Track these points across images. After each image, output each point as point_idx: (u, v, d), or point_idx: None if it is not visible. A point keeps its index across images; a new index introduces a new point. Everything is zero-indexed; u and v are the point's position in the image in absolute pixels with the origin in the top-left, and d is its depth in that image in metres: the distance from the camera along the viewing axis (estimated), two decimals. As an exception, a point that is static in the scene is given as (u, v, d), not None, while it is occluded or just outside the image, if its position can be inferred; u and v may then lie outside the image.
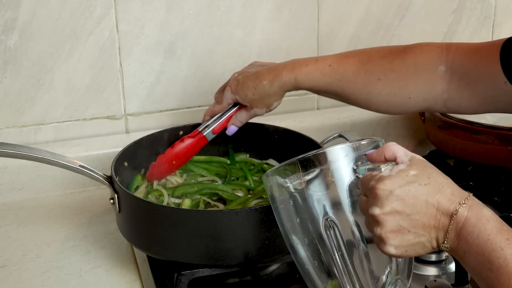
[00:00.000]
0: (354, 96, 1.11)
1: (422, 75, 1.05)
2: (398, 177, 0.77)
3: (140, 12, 1.35)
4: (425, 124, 1.42)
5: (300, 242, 0.86)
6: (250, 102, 1.14)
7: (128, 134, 1.41)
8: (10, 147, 1.03)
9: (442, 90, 1.05)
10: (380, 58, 1.09)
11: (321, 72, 1.10)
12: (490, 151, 1.27)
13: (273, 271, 1.10)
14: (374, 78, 1.08)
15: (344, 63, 1.10)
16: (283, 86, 1.12)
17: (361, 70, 1.08)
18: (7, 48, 1.29)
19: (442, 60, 1.04)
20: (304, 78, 1.10)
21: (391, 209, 0.76)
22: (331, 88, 1.11)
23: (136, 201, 1.03)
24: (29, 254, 1.14)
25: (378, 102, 1.10)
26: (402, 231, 0.76)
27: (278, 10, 1.42)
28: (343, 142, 0.87)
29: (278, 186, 0.86)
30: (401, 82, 1.07)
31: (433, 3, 1.53)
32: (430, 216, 0.76)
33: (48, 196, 1.33)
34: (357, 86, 1.09)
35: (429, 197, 0.76)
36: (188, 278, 1.02)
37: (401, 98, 1.08)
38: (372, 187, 0.78)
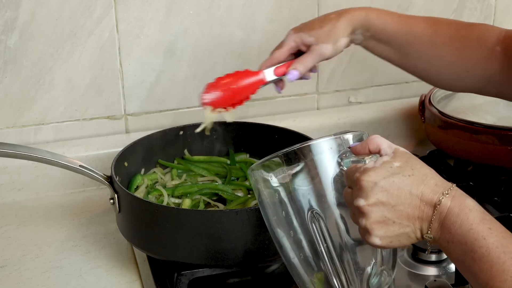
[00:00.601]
0: (416, 55, 1.09)
1: (482, 50, 1.05)
2: (382, 168, 0.78)
3: (140, 12, 1.35)
4: (425, 124, 1.42)
5: (286, 235, 0.86)
6: (317, 36, 1.08)
7: (128, 134, 1.41)
8: (10, 147, 1.03)
9: (495, 71, 1.04)
10: (447, 25, 1.08)
11: (391, 18, 1.08)
12: (490, 151, 1.27)
13: (273, 271, 1.10)
14: (440, 42, 1.07)
15: (413, 19, 1.09)
16: (352, 20, 1.08)
17: (429, 29, 1.07)
18: (7, 48, 1.29)
19: (500, 41, 1.04)
20: (375, 17, 1.08)
21: (376, 200, 0.77)
22: (397, 38, 1.09)
23: (136, 201, 1.03)
24: (29, 254, 1.14)
25: (438, 68, 1.09)
26: (387, 222, 0.77)
27: (278, 10, 1.42)
28: None
29: (263, 180, 0.87)
30: (464, 53, 1.06)
31: (433, 3, 1.53)
32: (414, 206, 0.76)
33: (48, 196, 1.33)
34: (423, 44, 1.08)
35: (413, 188, 0.77)
36: (188, 278, 1.02)
37: (459, 69, 1.07)
38: (356, 178, 0.78)
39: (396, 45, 1.10)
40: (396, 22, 1.09)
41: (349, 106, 1.55)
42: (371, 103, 1.56)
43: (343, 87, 1.53)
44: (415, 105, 1.48)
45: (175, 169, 1.22)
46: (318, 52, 1.09)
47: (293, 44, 1.11)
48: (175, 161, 1.24)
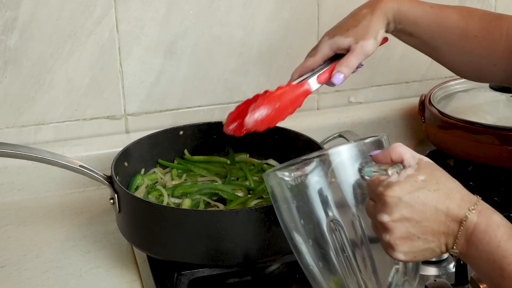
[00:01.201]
0: (446, 47, 1.07)
1: (510, 43, 1.03)
2: (406, 183, 0.76)
3: (140, 12, 1.35)
4: (425, 124, 1.42)
5: (304, 242, 0.85)
6: (354, 35, 1.03)
7: (128, 134, 1.40)
8: (10, 147, 1.03)
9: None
10: (479, 16, 1.06)
11: (423, 10, 1.06)
12: (490, 151, 1.27)
13: (273, 271, 1.10)
14: (471, 34, 1.05)
15: (445, 9, 1.06)
16: (385, 12, 1.05)
17: (462, 21, 1.05)
18: (7, 48, 1.29)
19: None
20: (407, 9, 1.05)
21: (400, 216, 0.75)
22: (429, 30, 1.06)
23: (136, 201, 1.03)
24: (29, 254, 1.14)
25: (467, 60, 1.07)
26: (411, 238, 0.76)
27: (278, 10, 1.42)
28: (344, 142, 0.86)
29: (280, 186, 0.85)
30: (493, 46, 1.04)
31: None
32: (440, 222, 0.75)
33: (48, 196, 1.33)
34: (454, 37, 1.06)
35: (439, 203, 0.75)
36: (188, 278, 1.02)
37: (488, 62, 1.06)
38: (380, 193, 0.76)
39: (427, 38, 1.07)
40: (428, 14, 1.06)
41: (349, 106, 1.55)
42: (371, 103, 1.56)
43: (343, 87, 1.53)
44: (415, 105, 1.48)
45: (175, 169, 1.22)
46: (361, 50, 1.04)
47: (329, 51, 1.06)
48: (175, 161, 1.24)
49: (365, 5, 1.06)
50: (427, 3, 1.07)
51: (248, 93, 1.45)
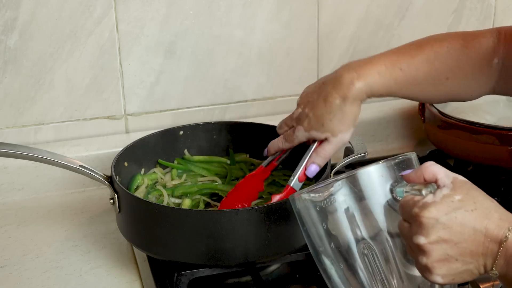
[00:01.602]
0: (422, 96, 1.09)
1: (482, 71, 1.04)
2: (443, 203, 0.74)
3: (140, 12, 1.35)
4: (425, 124, 1.42)
5: (335, 267, 0.82)
6: (331, 130, 1.03)
7: (128, 134, 1.40)
8: (10, 147, 1.03)
9: (495, 81, 1.05)
10: (445, 55, 1.05)
11: (394, 79, 1.03)
12: (490, 151, 1.27)
13: (273, 271, 1.10)
14: (443, 77, 1.05)
15: (414, 65, 1.04)
16: (357, 97, 1.02)
17: (431, 70, 1.05)
18: (7, 48, 1.29)
19: (496, 52, 1.03)
20: (378, 86, 1.02)
21: (438, 238, 0.73)
22: (400, 92, 1.06)
23: (136, 201, 1.03)
24: (29, 254, 1.14)
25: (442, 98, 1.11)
26: (449, 260, 0.74)
27: (278, 10, 1.42)
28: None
29: (307, 209, 0.83)
30: (466, 81, 1.05)
31: (433, 3, 1.53)
32: (478, 243, 0.73)
33: (48, 196, 1.33)
34: (427, 87, 1.06)
35: (477, 223, 0.73)
36: (188, 278, 1.02)
37: (464, 94, 1.07)
38: (416, 214, 0.74)
39: (403, 95, 1.08)
40: (400, 81, 1.04)
41: (349, 106, 1.54)
42: (371, 103, 1.55)
43: (343, 87, 1.52)
44: (415, 105, 1.48)
45: (175, 169, 1.22)
46: (338, 142, 1.05)
47: (305, 140, 1.07)
48: (175, 161, 1.24)
49: (334, 91, 1.02)
50: (395, 65, 1.03)
51: (248, 93, 1.46)
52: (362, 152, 1.14)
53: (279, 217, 0.97)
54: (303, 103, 1.07)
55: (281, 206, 0.98)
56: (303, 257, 1.06)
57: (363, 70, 1.02)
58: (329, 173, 1.08)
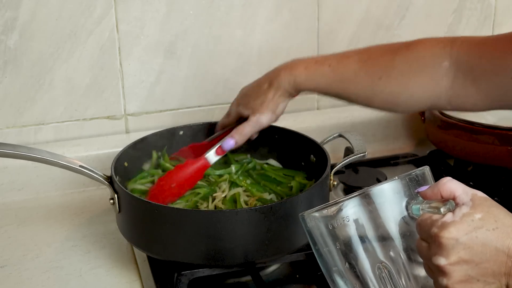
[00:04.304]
0: (355, 96, 1.09)
1: (425, 72, 1.02)
2: (463, 223, 0.71)
3: (140, 12, 1.35)
4: (425, 124, 1.42)
5: (349, 287, 0.79)
6: (253, 108, 1.12)
7: (128, 134, 1.41)
8: (10, 147, 1.02)
9: (446, 87, 1.01)
10: (381, 56, 1.06)
11: (321, 73, 1.08)
12: (490, 151, 1.27)
13: (273, 271, 1.10)
14: (376, 77, 1.04)
15: (344, 63, 1.07)
16: (284, 88, 1.10)
17: (362, 69, 1.06)
18: (7, 48, 1.29)
19: (446, 55, 1.00)
20: (304, 80, 1.09)
21: (458, 259, 0.71)
22: (331, 89, 1.09)
23: (136, 201, 1.03)
24: (29, 254, 1.14)
25: (380, 101, 1.07)
26: (470, 281, 0.72)
27: (278, 10, 1.42)
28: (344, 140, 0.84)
29: (319, 228, 0.80)
30: (404, 80, 1.03)
31: (433, 3, 1.53)
32: (501, 263, 0.71)
33: (48, 196, 1.33)
34: (359, 86, 1.07)
35: (499, 243, 0.71)
36: (188, 278, 1.02)
37: (403, 96, 1.04)
38: (435, 234, 0.72)
39: (333, 94, 1.10)
40: (326, 76, 1.07)
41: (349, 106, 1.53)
42: (371, 103, 1.56)
43: (343, 87, 1.53)
44: (415, 105, 1.48)
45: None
46: (256, 122, 1.13)
47: (237, 115, 1.17)
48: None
49: (266, 78, 1.13)
50: (326, 61, 1.07)
51: (248, 93, 1.46)
52: (362, 152, 1.14)
53: (279, 217, 0.97)
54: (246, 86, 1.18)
55: (281, 206, 0.98)
56: (303, 257, 1.06)
57: (294, 64, 1.11)
58: (329, 172, 1.08)
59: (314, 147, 1.17)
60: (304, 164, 1.20)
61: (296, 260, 1.07)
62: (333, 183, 1.11)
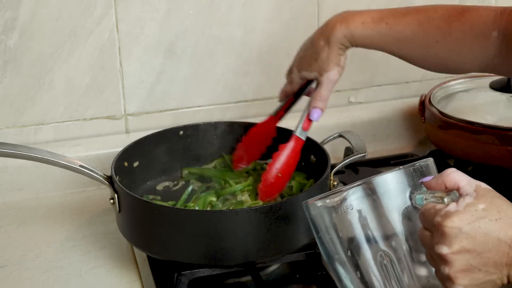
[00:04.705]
0: (410, 56, 1.08)
1: (477, 41, 1.03)
2: (466, 212, 0.72)
3: (140, 12, 1.35)
4: (425, 124, 1.42)
5: (350, 275, 0.80)
6: (318, 69, 1.09)
7: (128, 134, 1.41)
8: (10, 147, 1.02)
9: (493, 55, 1.02)
10: (438, 19, 1.05)
11: (378, 32, 1.06)
12: (490, 151, 1.27)
13: (273, 271, 1.10)
14: (432, 40, 1.05)
15: (402, 22, 1.06)
16: (341, 42, 1.07)
17: (420, 30, 1.05)
18: (7, 48, 1.29)
19: (496, 25, 1.01)
20: (360, 36, 1.06)
21: (461, 248, 0.72)
22: (387, 46, 1.08)
23: (136, 201, 1.03)
24: (29, 254, 1.14)
25: (433, 63, 1.08)
26: (472, 270, 0.73)
27: (278, 10, 1.42)
28: (344, 140, 0.84)
29: (321, 217, 0.81)
30: (458, 47, 1.04)
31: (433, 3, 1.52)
32: (503, 253, 0.72)
33: (48, 196, 1.33)
34: (415, 46, 1.06)
35: (501, 233, 0.72)
36: (188, 278, 1.02)
37: (456, 62, 1.05)
38: (438, 223, 0.73)
39: (387, 51, 1.09)
40: (383, 33, 1.06)
41: (349, 106, 1.55)
42: (371, 103, 1.56)
43: (343, 87, 1.53)
44: (415, 105, 1.48)
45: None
46: (328, 82, 1.10)
47: (301, 81, 1.14)
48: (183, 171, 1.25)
49: (320, 34, 1.09)
50: (383, 19, 1.06)
51: (248, 93, 1.46)
52: (362, 152, 1.14)
53: (279, 217, 0.97)
54: (299, 49, 1.15)
55: (281, 206, 0.98)
56: (303, 257, 1.06)
57: (350, 17, 1.07)
58: (329, 172, 1.08)
59: (314, 147, 1.17)
60: (304, 164, 1.19)
61: (296, 260, 1.07)
62: (333, 183, 1.11)
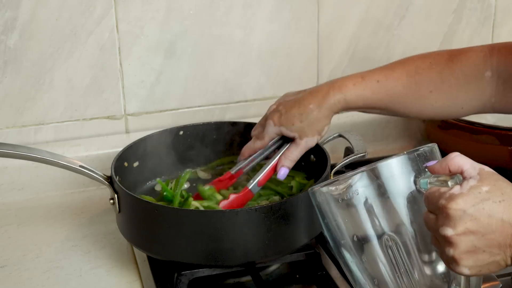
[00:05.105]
0: (407, 110, 1.09)
1: (471, 83, 1.04)
2: (470, 194, 0.73)
3: (140, 12, 1.35)
4: (425, 124, 1.42)
5: (356, 260, 0.81)
6: (299, 132, 1.08)
7: (128, 134, 1.41)
8: (10, 147, 1.03)
9: (490, 95, 1.04)
10: (427, 69, 1.07)
11: (370, 89, 1.06)
12: (490, 151, 1.27)
13: (273, 271, 1.10)
14: (426, 91, 1.06)
15: (392, 77, 1.07)
16: (332, 108, 1.07)
17: (411, 83, 1.06)
18: (7, 48, 1.29)
19: (487, 65, 1.03)
20: (354, 97, 1.06)
21: (465, 229, 0.73)
22: (381, 104, 1.08)
23: (136, 201, 1.03)
24: (29, 254, 1.14)
25: (431, 113, 1.09)
26: (476, 252, 0.73)
27: (278, 10, 1.42)
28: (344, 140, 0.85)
29: (327, 203, 0.82)
30: (453, 93, 1.05)
31: (433, 3, 1.53)
32: (506, 234, 0.72)
33: (48, 196, 1.33)
34: (409, 100, 1.07)
35: (505, 214, 0.72)
36: (188, 278, 1.02)
37: (453, 108, 1.07)
38: (442, 206, 0.74)
39: (382, 108, 1.10)
40: (376, 92, 1.07)
41: (349, 106, 1.55)
42: (371, 103, 1.56)
43: (343, 87, 1.52)
44: (415, 105, 1.48)
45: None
46: (304, 146, 1.10)
47: (275, 136, 1.12)
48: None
49: (311, 97, 1.08)
50: (372, 77, 1.07)
51: (248, 93, 1.46)
52: (362, 152, 1.14)
53: (279, 217, 0.97)
54: (278, 103, 1.12)
55: (281, 206, 0.98)
56: (303, 257, 1.06)
57: (340, 82, 1.07)
58: (329, 172, 1.08)
59: (314, 147, 1.17)
60: (304, 164, 1.19)
61: (296, 260, 1.07)
62: (333, 183, 1.10)
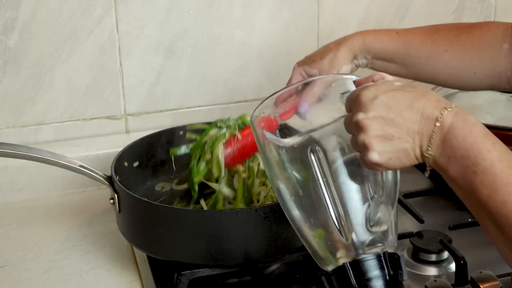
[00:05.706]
0: (420, 66, 1.10)
1: (487, 51, 1.06)
2: (383, 84, 0.78)
3: (140, 12, 1.35)
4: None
5: (284, 179, 0.84)
6: (319, 68, 1.10)
7: (128, 134, 1.41)
8: (10, 147, 1.03)
9: (505, 68, 1.05)
10: (447, 31, 1.09)
11: (389, 36, 1.10)
12: (490, 151, 1.27)
13: (273, 271, 1.10)
14: (441, 49, 1.08)
15: (411, 32, 1.10)
16: (350, 47, 1.10)
17: (428, 39, 1.09)
18: (7, 48, 1.29)
19: (506, 38, 1.05)
20: (372, 40, 1.09)
21: (376, 114, 0.76)
22: (398, 54, 1.10)
23: (136, 201, 1.03)
24: (29, 254, 1.15)
25: (444, 74, 1.10)
26: (386, 137, 0.76)
27: (278, 10, 1.42)
28: None
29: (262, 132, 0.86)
30: (467, 56, 1.07)
31: (433, 3, 1.53)
32: (414, 121, 0.76)
33: (48, 196, 1.33)
34: (424, 54, 1.09)
35: (414, 101, 0.76)
36: (188, 278, 1.02)
37: (466, 72, 1.08)
38: (356, 95, 0.78)
39: (399, 61, 1.11)
40: (394, 40, 1.10)
41: (349, 106, 1.55)
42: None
43: (343, 87, 1.53)
44: (415, 105, 1.48)
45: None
46: None
47: (300, 77, 1.13)
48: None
49: (335, 41, 1.12)
50: (393, 30, 1.11)
51: (248, 93, 1.46)
52: None
53: (279, 217, 0.97)
54: None
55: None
56: (303, 257, 1.06)
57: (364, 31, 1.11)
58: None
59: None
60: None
61: (296, 260, 1.07)
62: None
